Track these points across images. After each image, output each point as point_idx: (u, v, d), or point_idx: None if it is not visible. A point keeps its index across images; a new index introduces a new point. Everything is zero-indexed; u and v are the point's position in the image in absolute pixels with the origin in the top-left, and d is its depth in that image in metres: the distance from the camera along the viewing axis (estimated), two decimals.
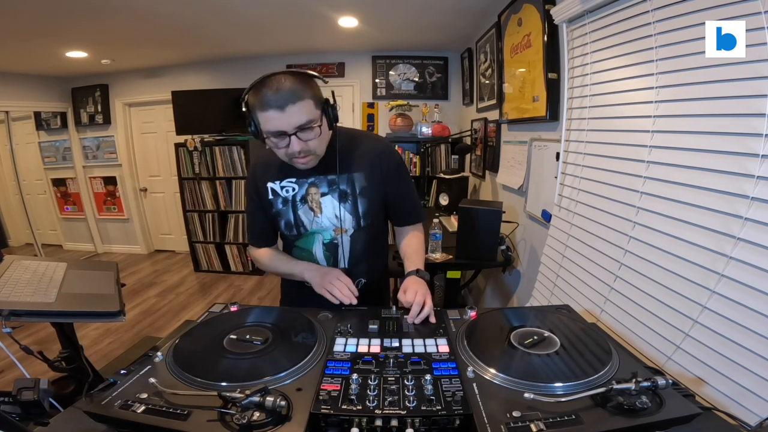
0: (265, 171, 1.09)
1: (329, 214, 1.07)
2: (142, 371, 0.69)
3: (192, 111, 3.90)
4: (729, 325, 0.79)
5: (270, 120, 0.86)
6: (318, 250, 1.11)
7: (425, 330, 0.85)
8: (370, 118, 3.88)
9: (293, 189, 1.07)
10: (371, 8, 2.53)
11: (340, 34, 3.09)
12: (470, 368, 0.68)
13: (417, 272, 1.05)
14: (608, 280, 1.16)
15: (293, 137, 0.88)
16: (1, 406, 0.59)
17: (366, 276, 1.17)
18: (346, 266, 1.12)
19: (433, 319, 0.90)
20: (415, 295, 0.92)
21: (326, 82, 0.95)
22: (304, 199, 1.07)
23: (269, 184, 1.08)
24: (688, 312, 0.89)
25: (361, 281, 1.16)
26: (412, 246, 1.15)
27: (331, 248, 1.11)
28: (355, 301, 0.97)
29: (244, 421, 0.55)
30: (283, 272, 1.15)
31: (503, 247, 2.02)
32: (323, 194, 1.06)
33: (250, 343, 0.78)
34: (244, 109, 0.91)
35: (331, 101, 0.94)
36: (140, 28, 2.73)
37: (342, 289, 0.97)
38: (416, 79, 3.81)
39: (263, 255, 1.17)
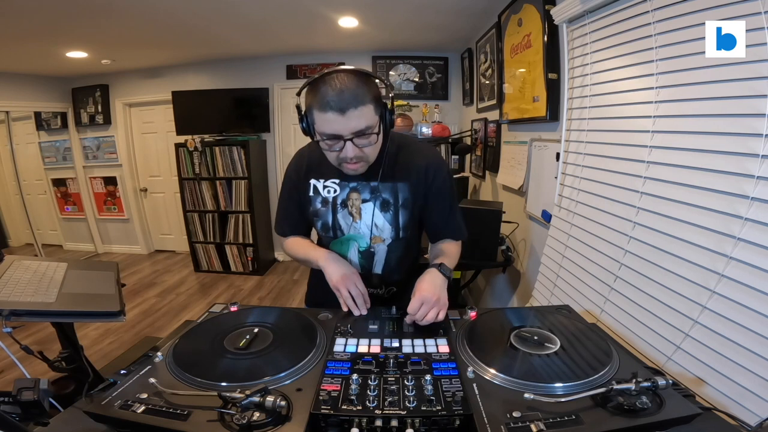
0: (311, 166, 1.05)
1: (368, 222, 1.03)
2: (142, 371, 0.69)
3: (192, 111, 3.91)
4: (729, 325, 0.79)
5: (328, 122, 0.82)
6: (353, 257, 1.09)
7: (425, 330, 0.85)
8: None
9: (335, 191, 1.03)
10: (371, 8, 2.53)
11: (340, 34, 3.09)
12: (470, 368, 0.68)
13: (439, 266, 0.96)
14: (608, 280, 1.16)
15: (348, 142, 0.84)
16: (1, 406, 0.59)
17: (397, 285, 1.15)
18: (380, 273, 1.10)
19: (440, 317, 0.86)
20: (420, 305, 0.85)
21: (388, 85, 0.91)
22: (344, 203, 1.03)
23: (312, 181, 1.05)
24: (688, 312, 0.89)
25: (393, 289, 1.14)
26: (444, 249, 1.08)
27: (367, 256, 1.08)
28: (365, 313, 0.94)
29: (244, 422, 0.55)
30: (303, 257, 1.09)
31: (503, 247, 2.03)
32: (365, 200, 1.02)
33: (250, 343, 0.78)
34: (297, 104, 0.87)
35: (389, 106, 0.90)
36: (140, 28, 2.73)
37: (357, 299, 0.94)
38: (416, 80, 3.81)
39: (290, 241, 1.13)
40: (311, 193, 1.05)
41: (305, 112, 0.86)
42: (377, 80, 0.88)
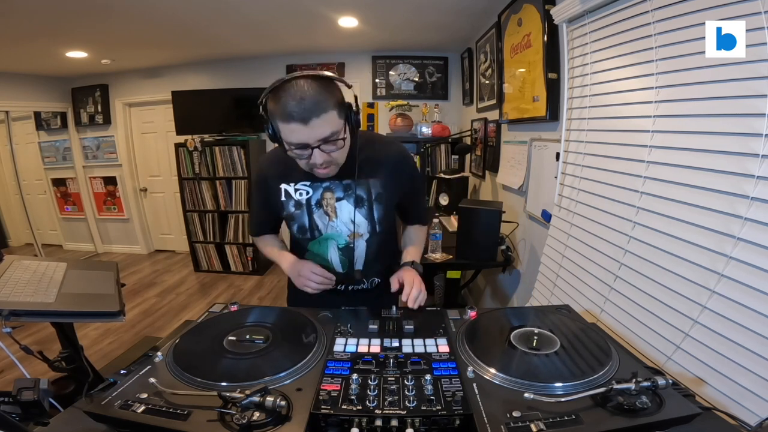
0: (278, 170, 1.05)
1: (345, 219, 1.05)
2: (142, 371, 0.69)
3: (192, 111, 3.90)
4: (729, 325, 0.79)
5: (293, 132, 0.82)
6: (333, 255, 1.11)
7: (425, 330, 0.85)
8: (370, 118, 3.87)
9: (307, 192, 1.04)
10: (371, 8, 2.53)
11: (340, 34, 3.09)
12: (470, 368, 0.68)
13: (412, 264, 1.10)
14: (608, 280, 1.16)
15: (316, 150, 0.85)
16: (1, 406, 0.59)
17: (380, 276, 1.17)
18: (361, 268, 1.13)
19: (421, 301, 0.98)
20: (412, 282, 0.99)
21: (350, 86, 0.91)
22: (319, 204, 1.05)
23: (283, 185, 1.05)
24: (688, 312, 0.89)
25: (375, 281, 1.18)
26: (412, 240, 1.21)
27: (347, 252, 1.10)
28: (332, 285, 1.06)
29: (244, 421, 0.55)
30: (272, 260, 1.19)
31: (503, 247, 2.02)
32: (338, 199, 1.04)
33: (250, 343, 0.78)
34: (261, 113, 0.87)
35: (354, 107, 0.90)
36: (140, 28, 2.73)
37: (323, 282, 1.03)
38: (416, 79, 3.81)
39: (262, 241, 1.22)
40: (283, 198, 1.06)
41: (269, 120, 0.86)
42: (339, 83, 0.88)
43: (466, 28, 2.89)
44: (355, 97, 0.90)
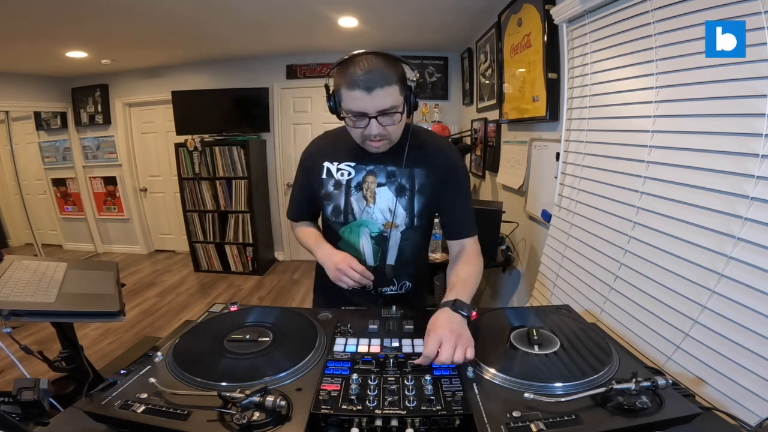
0: (325, 149, 1.06)
1: (382, 206, 1.03)
2: (142, 371, 0.69)
3: (192, 111, 3.91)
4: (729, 325, 0.79)
5: (355, 99, 0.86)
6: (366, 245, 1.06)
7: (425, 330, 0.84)
8: None
9: (349, 173, 1.03)
10: (371, 8, 2.53)
11: (340, 34, 3.09)
12: (470, 368, 0.68)
13: (453, 303, 0.81)
14: (608, 280, 1.16)
15: (373, 120, 0.87)
16: (1, 406, 0.59)
17: (411, 280, 1.13)
18: (393, 263, 1.08)
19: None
20: (438, 345, 0.70)
21: (413, 69, 0.93)
22: (359, 186, 1.03)
23: (326, 163, 1.05)
24: (688, 312, 0.89)
25: (406, 284, 1.13)
26: (460, 274, 0.96)
27: (381, 241, 1.05)
28: (370, 284, 0.98)
29: (244, 421, 0.55)
30: (308, 248, 1.11)
31: (503, 247, 2.03)
32: (380, 184, 1.02)
33: (250, 343, 0.78)
34: (326, 84, 0.91)
35: (413, 89, 0.92)
36: (140, 28, 2.73)
37: (360, 281, 0.96)
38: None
39: (301, 228, 1.16)
40: (324, 176, 1.05)
41: (333, 92, 0.90)
42: (404, 64, 0.91)
43: (466, 28, 2.89)
44: (416, 81, 0.92)
